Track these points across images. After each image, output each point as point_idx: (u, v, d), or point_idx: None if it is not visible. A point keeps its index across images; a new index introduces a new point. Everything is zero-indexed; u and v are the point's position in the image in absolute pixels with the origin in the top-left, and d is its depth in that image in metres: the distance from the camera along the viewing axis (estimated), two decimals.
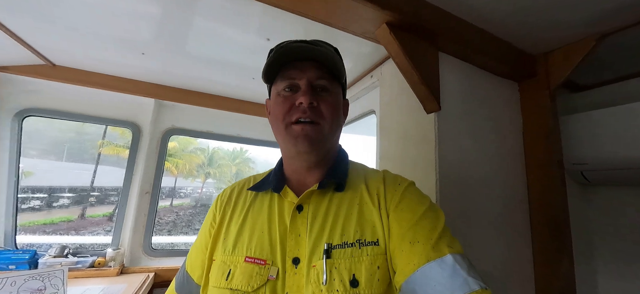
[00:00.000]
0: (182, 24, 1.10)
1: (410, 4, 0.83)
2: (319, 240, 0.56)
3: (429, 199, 0.60)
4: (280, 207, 0.62)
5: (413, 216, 0.55)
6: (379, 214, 0.58)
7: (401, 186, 0.61)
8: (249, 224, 0.63)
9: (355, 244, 0.55)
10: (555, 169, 1.07)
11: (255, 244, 0.59)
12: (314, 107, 0.59)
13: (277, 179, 0.66)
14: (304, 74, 0.60)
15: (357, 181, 0.64)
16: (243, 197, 0.69)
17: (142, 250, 1.64)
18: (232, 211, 0.67)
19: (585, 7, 0.88)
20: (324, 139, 0.60)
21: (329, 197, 0.61)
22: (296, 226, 0.59)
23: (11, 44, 1.31)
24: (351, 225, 0.57)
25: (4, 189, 1.46)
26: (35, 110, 1.56)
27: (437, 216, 0.56)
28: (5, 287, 0.94)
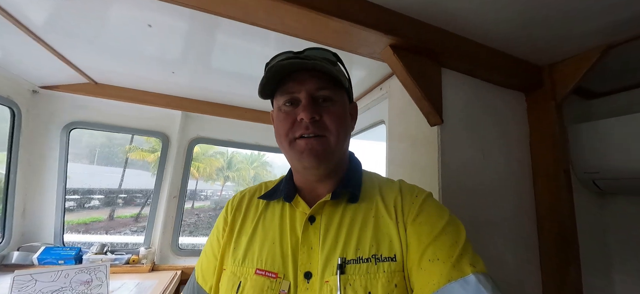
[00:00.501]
0: (207, 41, 1.19)
1: (413, 28, 0.91)
2: (332, 254, 0.53)
3: (448, 212, 0.57)
4: (292, 217, 0.60)
5: (432, 230, 0.52)
6: (396, 227, 0.55)
7: (419, 197, 0.58)
8: (259, 234, 0.60)
9: (371, 260, 0.52)
10: (562, 178, 1.09)
11: (266, 255, 0.56)
12: (317, 121, 0.56)
13: (288, 188, 0.63)
14: (303, 87, 0.56)
15: (371, 191, 0.62)
16: (254, 205, 0.66)
17: (171, 249, 1.79)
18: (243, 219, 0.64)
19: (589, 20, 0.90)
20: (331, 152, 0.57)
21: (342, 209, 0.59)
22: (308, 238, 0.56)
23: (61, 65, 1.50)
24: (366, 239, 0.54)
25: (54, 193, 1.66)
26: (81, 123, 1.76)
27: (458, 231, 0.53)
28: (60, 278, 1.10)
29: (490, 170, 1.07)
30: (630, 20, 0.89)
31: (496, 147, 1.11)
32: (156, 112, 1.86)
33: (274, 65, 0.57)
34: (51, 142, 1.70)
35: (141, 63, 1.44)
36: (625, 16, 0.87)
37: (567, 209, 1.07)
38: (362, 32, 0.86)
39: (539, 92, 1.20)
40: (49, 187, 1.66)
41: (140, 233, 12.21)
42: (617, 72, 1.24)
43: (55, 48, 1.34)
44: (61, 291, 1.06)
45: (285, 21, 0.83)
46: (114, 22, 1.10)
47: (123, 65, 1.48)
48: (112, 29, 1.16)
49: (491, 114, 1.13)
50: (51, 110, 1.71)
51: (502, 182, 1.10)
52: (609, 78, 1.31)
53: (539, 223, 1.13)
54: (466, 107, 1.07)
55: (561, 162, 1.11)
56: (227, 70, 1.46)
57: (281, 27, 0.86)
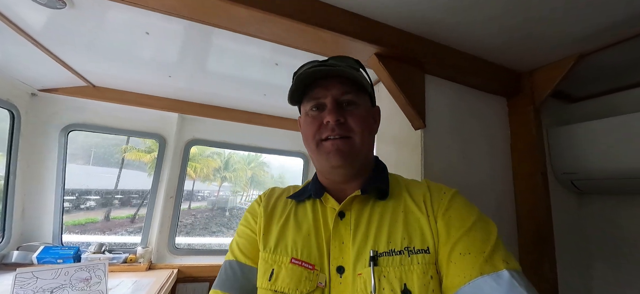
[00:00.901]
0: (203, 45, 1.21)
1: (398, 37, 0.96)
2: (363, 247, 0.54)
3: (477, 209, 0.57)
4: (324, 213, 0.62)
5: (463, 225, 0.52)
6: (427, 220, 0.55)
7: (447, 194, 0.60)
8: (292, 225, 0.62)
9: (404, 252, 0.52)
10: (540, 179, 1.15)
11: (301, 246, 0.57)
12: (342, 123, 0.58)
13: (316, 188, 0.65)
14: (329, 92, 0.60)
15: (398, 189, 0.63)
16: (282, 203, 0.68)
17: (167, 249, 1.83)
18: (272, 211, 0.66)
19: (563, 31, 0.96)
20: (356, 152, 0.60)
21: (371, 205, 0.60)
22: (339, 233, 0.57)
23: (59, 69, 1.53)
24: (398, 232, 0.55)
25: (53, 194, 1.70)
26: (79, 125, 1.79)
27: (489, 228, 0.53)
28: (60, 276, 1.14)
29: (471, 171, 1.13)
30: (599, 33, 0.95)
31: (478, 150, 1.17)
32: (153, 114, 1.90)
33: (302, 73, 0.61)
34: (50, 144, 1.73)
35: (138, 67, 1.48)
36: (595, 28, 0.93)
37: (544, 209, 1.14)
38: (349, 42, 0.92)
39: (519, 97, 1.26)
40: (48, 188, 1.69)
41: (137, 233, 12.13)
42: (594, 78, 1.31)
43: (53, 52, 1.38)
44: (61, 288, 1.10)
45: (275, 32, 0.88)
46: (112, 28, 1.13)
47: (120, 69, 1.52)
48: (110, 35, 1.19)
49: (473, 117, 1.19)
50: (50, 112, 1.74)
51: (483, 183, 1.16)
52: (587, 83, 1.37)
53: (518, 222, 1.20)
54: (449, 111, 1.13)
55: (539, 164, 1.17)
56: (223, 73, 1.50)
57: (272, 37, 0.91)
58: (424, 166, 1.02)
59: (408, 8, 0.88)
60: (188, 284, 1.80)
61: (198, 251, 1.98)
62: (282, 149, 2.25)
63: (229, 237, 16.83)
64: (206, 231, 17.82)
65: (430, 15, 0.90)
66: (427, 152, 1.03)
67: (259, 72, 1.42)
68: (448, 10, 0.87)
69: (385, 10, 0.89)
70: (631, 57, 1.12)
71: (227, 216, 21.19)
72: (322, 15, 0.85)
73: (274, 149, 2.25)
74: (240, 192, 24.83)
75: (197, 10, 0.81)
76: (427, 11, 0.88)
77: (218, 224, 19.42)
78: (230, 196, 24.29)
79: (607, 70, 1.22)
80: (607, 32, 0.95)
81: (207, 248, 2.07)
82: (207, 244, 14.08)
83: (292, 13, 0.81)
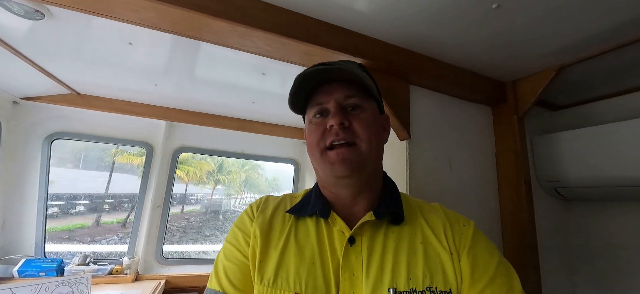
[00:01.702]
0: (190, 52, 1.17)
1: (381, 50, 0.97)
2: (379, 283, 0.48)
3: (497, 249, 0.56)
4: (330, 236, 0.54)
5: (487, 270, 0.50)
6: (449, 257, 0.51)
7: (467, 227, 0.56)
8: (293, 251, 0.53)
9: (426, 292, 0.47)
10: (523, 187, 1.17)
11: (306, 278, 0.49)
12: (346, 127, 0.54)
13: (322, 203, 0.57)
14: (331, 96, 0.56)
15: (413, 213, 0.58)
16: (280, 219, 0.59)
17: (155, 259, 1.80)
18: (269, 231, 0.56)
19: (544, 44, 0.98)
20: (364, 161, 0.54)
21: (384, 230, 0.54)
22: (350, 263, 0.50)
23: (41, 77, 1.50)
24: (418, 268, 0.49)
25: (35, 204, 1.66)
26: (63, 133, 1.76)
27: (510, 274, 0.52)
28: (40, 291, 1.11)
29: (457, 180, 1.14)
30: (578, 44, 0.97)
31: (463, 159, 1.18)
32: (140, 122, 1.87)
33: (300, 74, 0.56)
34: (32, 153, 1.69)
35: (123, 75, 1.46)
36: (574, 41, 0.95)
37: (527, 217, 1.15)
38: (332, 55, 0.92)
39: (503, 106, 1.28)
40: (30, 198, 1.65)
41: (127, 239, 12.01)
42: (576, 87, 1.34)
43: (35, 61, 1.35)
44: None
45: (258, 45, 0.88)
46: (94, 38, 1.11)
47: (105, 77, 1.50)
48: (92, 44, 1.16)
49: (458, 126, 1.21)
50: (32, 121, 1.70)
51: (468, 191, 1.17)
52: (570, 92, 1.40)
53: (503, 229, 1.21)
54: (434, 121, 1.14)
55: (522, 172, 1.19)
56: (211, 80, 1.49)
57: (255, 50, 0.90)
58: (409, 176, 1.02)
59: (392, 22, 0.88)
60: None
61: (186, 260, 1.95)
62: (272, 155, 2.24)
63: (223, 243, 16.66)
64: (199, 234, 17.61)
65: (414, 29, 0.91)
66: (412, 163, 1.04)
67: (247, 79, 1.40)
68: (431, 24, 0.88)
69: (369, 24, 0.90)
70: (609, 68, 1.14)
71: (221, 219, 20.99)
72: (305, 29, 0.85)
73: (265, 155, 2.24)
74: (234, 195, 24.62)
75: (178, 24, 0.80)
76: (411, 25, 0.89)
77: (211, 227, 19.22)
78: (224, 199, 24.08)
79: (587, 80, 1.25)
80: (585, 45, 0.97)
81: (197, 257, 2.04)
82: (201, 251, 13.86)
83: (274, 27, 0.81)
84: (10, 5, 0.95)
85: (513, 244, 1.17)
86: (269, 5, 0.81)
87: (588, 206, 1.38)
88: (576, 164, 1.23)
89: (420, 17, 0.85)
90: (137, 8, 0.73)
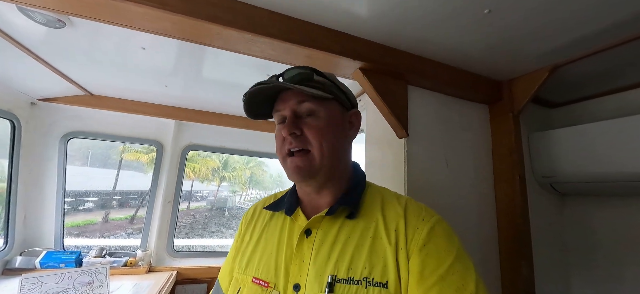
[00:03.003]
0: (198, 54, 1.23)
1: (380, 53, 1.02)
2: (322, 269, 0.53)
3: (457, 244, 0.54)
4: (291, 230, 0.61)
5: (438, 267, 0.50)
6: (394, 253, 0.52)
7: (425, 223, 0.55)
8: (261, 245, 0.64)
9: (361, 282, 0.50)
10: (518, 183, 1.22)
11: (263, 265, 0.59)
12: (298, 136, 0.57)
13: (290, 202, 0.65)
14: (287, 104, 0.59)
15: (372, 208, 0.60)
16: (262, 216, 0.70)
17: (166, 252, 1.89)
18: (253, 230, 0.68)
19: (539, 44, 1.02)
20: (316, 167, 0.58)
21: (339, 224, 0.58)
22: (301, 250, 0.57)
23: (58, 80, 1.58)
24: (360, 259, 0.52)
25: (54, 200, 1.75)
26: (78, 133, 1.85)
27: (466, 271, 0.50)
28: (64, 280, 1.20)
29: (454, 176, 1.20)
30: (570, 45, 1.02)
31: (460, 156, 1.23)
32: (150, 121, 1.95)
33: (246, 93, 0.60)
34: (49, 152, 1.78)
35: (135, 77, 1.53)
36: (566, 42, 0.99)
37: (522, 211, 1.20)
38: (334, 58, 0.98)
39: (499, 104, 1.33)
40: (49, 194, 1.74)
41: (135, 235, 11.99)
42: (571, 86, 1.37)
43: (52, 64, 1.43)
44: (65, 291, 1.16)
45: (264, 50, 0.94)
46: (108, 43, 1.19)
47: (117, 79, 1.57)
48: (107, 49, 1.24)
49: (455, 125, 1.25)
50: (49, 121, 1.79)
51: (465, 187, 1.22)
52: (565, 91, 1.44)
53: (499, 224, 1.26)
54: (431, 120, 1.19)
55: (517, 168, 1.24)
56: (218, 81, 1.55)
57: (261, 54, 0.97)
58: (407, 173, 1.08)
59: (390, 26, 0.93)
60: (187, 285, 1.87)
61: (196, 253, 2.04)
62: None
63: (228, 237, 16.87)
64: (205, 231, 17.87)
65: (411, 33, 0.96)
66: (410, 160, 1.09)
67: (253, 79, 1.46)
68: (428, 28, 0.93)
69: (367, 28, 0.95)
70: (601, 68, 1.18)
71: (227, 215, 21.22)
72: (307, 35, 0.91)
73: (271, 153, 2.31)
74: (239, 192, 24.84)
75: (190, 32, 0.86)
76: (408, 29, 0.94)
77: (217, 224, 19.45)
78: (229, 195, 24.31)
79: (581, 79, 1.29)
80: (578, 45, 1.01)
81: (206, 250, 2.13)
82: (208, 246, 14.06)
83: (278, 34, 0.87)
84: (34, 15, 1.03)
85: (508, 238, 1.22)
86: (274, 14, 0.87)
87: (582, 201, 1.42)
88: (571, 160, 1.27)
89: (417, 21, 0.90)
90: (153, 19, 0.80)
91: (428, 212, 0.59)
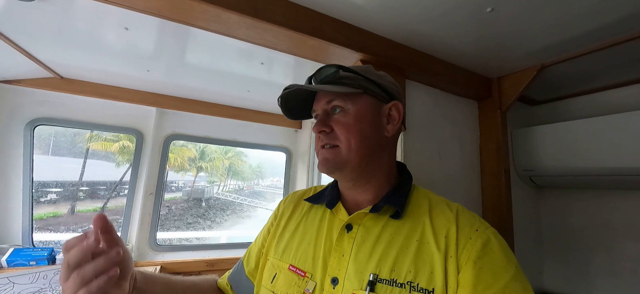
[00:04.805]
0: (181, 35, 1.13)
1: (381, 46, 1.02)
2: (363, 266, 0.52)
3: (515, 263, 0.50)
4: (330, 223, 0.62)
5: (495, 283, 0.46)
6: (442, 261, 0.50)
7: (480, 233, 0.52)
8: (299, 233, 0.64)
9: (405, 286, 0.48)
10: (503, 176, 1.28)
11: (300, 254, 0.60)
12: (328, 133, 0.59)
13: (332, 195, 0.65)
14: (319, 104, 0.62)
15: (419, 210, 0.58)
16: (300, 206, 0.71)
17: (149, 246, 1.80)
18: (289, 217, 0.70)
19: (528, 44, 1.07)
20: (343, 161, 0.58)
21: (383, 223, 0.57)
22: (342, 245, 0.57)
23: (22, 59, 1.42)
24: (405, 262, 0.51)
25: (20, 193, 1.60)
26: (45, 119, 1.68)
27: (525, 292, 0.46)
28: (39, 279, 1.10)
29: (445, 168, 1.24)
30: (558, 46, 1.07)
31: (451, 149, 1.27)
32: (129, 108, 1.82)
33: (278, 98, 0.64)
34: (13, 139, 1.61)
35: (113, 60, 1.41)
36: (555, 43, 1.04)
37: (506, 203, 1.27)
38: (336, 49, 0.96)
39: (488, 101, 1.38)
40: (14, 186, 1.58)
41: None
42: (555, 85, 1.45)
43: (13, 40, 1.27)
44: (41, 292, 1.07)
45: (265, 37, 0.90)
46: (85, 21, 1.06)
47: (92, 60, 1.43)
48: (80, 26, 1.10)
49: (448, 119, 1.29)
50: (12, 106, 1.61)
51: (455, 179, 1.27)
52: (549, 89, 1.52)
53: (484, 214, 1.33)
54: (427, 114, 1.21)
55: (503, 162, 1.30)
56: (204, 67, 1.46)
57: (262, 42, 0.92)
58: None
59: (393, 19, 0.93)
60: None
61: (181, 246, 1.96)
62: (265, 143, 2.26)
63: (206, 229, 16.43)
64: (182, 222, 17.32)
65: (413, 26, 0.96)
66: (406, 153, 1.11)
67: (242, 67, 1.40)
68: (430, 23, 0.94)
69: (371, 20, 0.94)
70: (583, 69, 1.26)
71: (204, 206, 20.67)
72: (311, 23, 0.88)
73: (258, 144, 2.25)
74: (217, 182, 24.23)
75: (185, 13, 0.80)
76: (411, 22, 0.94)
77: (194, 215, 18.91)
78: (207, 186, 23.66)
79: (563, 79, 1.36)
80: (565, 47, 1.07)
81: (189, 243, 2.06)
82: (185, 239, 13.56)
83: (281, 20, 0.83)
84: None
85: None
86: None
87: (557, 193, 1.53)
88: (549, 155, 1.36)
89: (421, 16, 0.90)
90: None
91: (482, 223, 0.56)
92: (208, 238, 18.97)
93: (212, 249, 2.01)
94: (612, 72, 1.26)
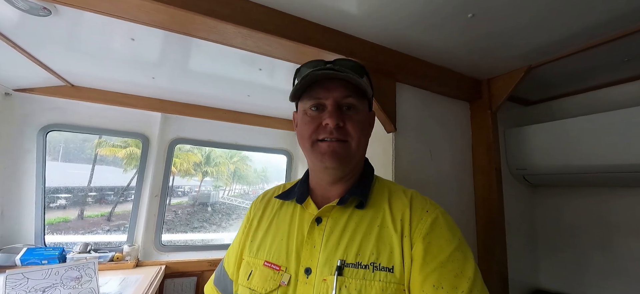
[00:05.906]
0: (185, 45, 1.20)
1: (370, 51, 1.07)
2: (332, 254, 0.57)
3: (458, 236, 0.57)
4: (301, 218, 0.65)
5: (439, 254, 0.53)
6: (399, 240, 0.56)
7: (430, 214, 0.59)
8: (272, 230, 0.67)
9: (369, 267, 0.54)
10: (494, 175, 1.32)
11: (274, 250, 0.63)
12: (341, 127, 0.60)
13: (301, 191, 0.68)
14: (331, 94, 0.60)
15: (380, 199, 0.64)
16: (271, 204, 0.73)
17: (154, 246, 1.87)
18: (261, 216, 0.72)
19: (516, 46, 1.10)
20: (351, 156, 0.62)
21: (349, 214, 0.62)
22: (313, 237, 0.60)
23: (36, 69, 1.51)
24: (368, 246, 0.56)
25: (33, 195, 1.68)
26: (57, 125, 1.77)
27: (466, 260, 0.53)
28: (51, 276, 1.17)
29: (437, 168, 1.28)
30: (544, 48, 1.11)
31: (443, 149, 1.31)
32: (135, 114, 1.91)
33: (308, 74, 0.61)
34: (27, 144, 1.70)
35: (120, 68, 1.49)
36: (540, 45, 1.08)
37: (497, 201, 1.30)
38: (327, 55, 1.01)
39: (479, 102, 1.42)
40: (28, 189, 1.67)
41: (113, 231, 11.40)
42: (544, 85, 1.49)
43: (30, 53, 1.36)
44: (53, 287, 1.14)
45: (259, 45, 0.96)
46: (95, 33, 1.14)
47: (101, 70, 1.52)
48: (90, 38, 1.18)
49: (439, 120, 1.33)
50: (26, 113, 1.71)
51: (447, 178, 1.31)
52: (540, 89, 1.56)
53: (476, 212, 1.36)
54: (417, 116, 1.26)
55: (494, 161, 1.34)
56: (206, 74, 1.53)
57: (257, 49, 0.99)
58: (395, 165, 1.14)
59: (381, 25, 0.98)
60: (175, 279, 1.86)
61: (185, 247, 2.03)
62: (267, 146, 2.32)
63: (211, 233, 16.52)
64: (188, 226, 17.45)
65: (401, 31, 1.02)
66: (397, 154, 1.16)
67: (242, 73, 1.47)
68: (415, 28, 0.99)
69: (360, 26, 1.00)
70: (571, 70, 1.29)
71: (210, 211, 20.80)
72: (301, 31, 0.94)
73: (259, 147, 2.32)
74: (222, 187, 24.38)
75: (186, 25, 0.87)
76: (398, 27, 0.99)
77: (200, 220, 19.04)
78: (212, 191, 23.82)
79: (554, 79, 1.40)
80: (550, 48, 1.11)
81: (193, 243, 2.12)
82: (190, 240, 13.70)
83: (274, 30, 0.90)
84: (16, 1, 0.98)
85: (484, 225, 1.32)
86: (270, 10, 0.90)
87: (551, 191, 1.56)
88: (542, 154, 1.39)
89: (406, 22, 0.96)
90: (149, 11, 0.80)
91: (432, 204, 0.62)
92: (211, 239, 19.02)
93: (215, 250, 2.08)
94: (600, 72, 1.29)
